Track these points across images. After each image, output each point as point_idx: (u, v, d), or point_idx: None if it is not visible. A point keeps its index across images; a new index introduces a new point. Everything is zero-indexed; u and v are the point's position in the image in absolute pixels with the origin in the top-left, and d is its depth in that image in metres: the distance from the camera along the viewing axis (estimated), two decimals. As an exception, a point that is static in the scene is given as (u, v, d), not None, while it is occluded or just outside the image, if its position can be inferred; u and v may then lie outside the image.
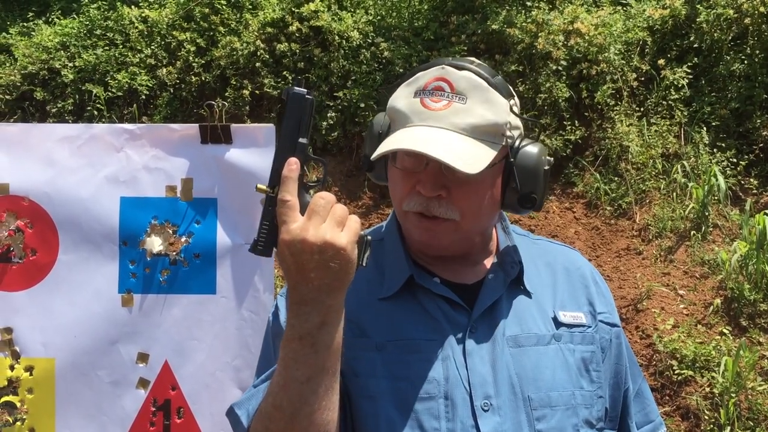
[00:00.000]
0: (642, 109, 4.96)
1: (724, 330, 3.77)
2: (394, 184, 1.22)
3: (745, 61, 4.85)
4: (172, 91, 5.37)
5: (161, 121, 5.13)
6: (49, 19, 6.14)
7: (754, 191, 4.55)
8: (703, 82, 4.93)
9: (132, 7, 5.74)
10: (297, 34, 5.24)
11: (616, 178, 4.70)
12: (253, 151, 1.85)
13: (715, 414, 3.43)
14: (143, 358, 1.85)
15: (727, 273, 3.96)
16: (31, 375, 1.84)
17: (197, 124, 1.88)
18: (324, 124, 5.00)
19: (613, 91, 4.90)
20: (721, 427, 3.37)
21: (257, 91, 5.21)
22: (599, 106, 4.89)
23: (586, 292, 1.30)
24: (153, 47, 5.50)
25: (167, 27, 5.53)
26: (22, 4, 6.66)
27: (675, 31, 5.12)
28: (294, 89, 1.06)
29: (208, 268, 1.86)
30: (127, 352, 1.84)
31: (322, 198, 1.00)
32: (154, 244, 1.85)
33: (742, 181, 4.57)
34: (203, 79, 5.33)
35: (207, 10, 5.48)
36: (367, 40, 5.21)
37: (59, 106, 5.41)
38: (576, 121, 4.88)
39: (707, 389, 3.51)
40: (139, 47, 5.49)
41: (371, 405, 1.15)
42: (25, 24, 6.18)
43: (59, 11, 6.18)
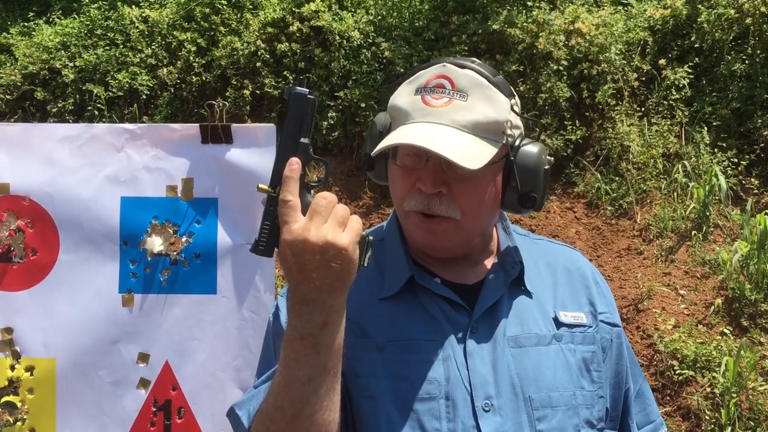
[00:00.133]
0: (643, 108, 4.96)
1: (725, 330, 3.77)
2: (395, 182, 1.22)
3: (746, 61, 4.84)
4: (172, 90, 5.37)
5: (162, 121, 5.13)
6: (50, 19, 6.14)
7: (755, 191, 4.55)
8: (704, 82, 4.93)
9: (132, 6, 5.74)
10: (298, 34, 5.24)
11: (617, 178, 4.70)
12: (253, 151, 1.85)
13: (716, 414, 3.43)
14: (144, 358, 1.84)
15: (728, 273, 3.96)
16: (31, 375, 1.84)
17: (198, 124, 1.88)
18: (325, 123, 5.00)
19: (614, 91, 4.89)
20: (722, 428, 3.36)
21: (258, 91, 5.21)
22: (600, 106, 4.89)
23: (587, 292, 1.30)
24: (153, 47, 5.50)
25: (168, 27, 5.53)
26: (22, 4, 6.66)
27: (676, 31, 5.12)
28: (296, 89, 1.06)
29: (208, 268, 1.85)
30: (128, 352, 1.84)
31: (324, 198, 1.00)
32: (155, 244, 1.85)
33: (743, 181, 4.57)
34: (204, 78, 5.33)
35: (208, 10, 5.48)
36: (367, 40, 5.21)
37: (60, 105, 5.41)
38: (577, 121, 4.88)
39: (708, 389, 3.51)
40: (139, 47, 5.49)
41: (372, 405, 1.15)
42: (25, 24, 6.18)
43: (60, 11, 6.18)
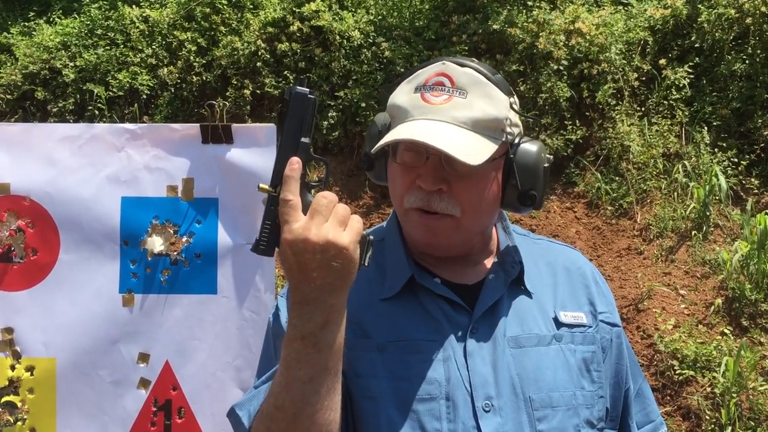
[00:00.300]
0: (643, 108, 4.96)
1: (725, 330, 3.77)
2: (394, 180, 1.22)
3: (747, 61, 4.84)
4: (173, 90, 5.37)
5: (162, 121, 5.13)
6: (50, 18, 6.14)
7: (755, 191, 4.55)
8: (704, 82, 4.93)
9: (133, 6, 5.74)
10: (298, 34, 5.24)
11: (617, 178, 4.70)
12: (254, 151, 1.85)
13: (716, 414, 3.43)
14: (144, 358, 1.85)
15: (728, 273, 3.96)
16: (32, 375, 1.84)
17: (198, 124, 1.88)
18: (325, 123, 5.00)
19: (614, 91, 4.89)
20: (722, 427, 3.37)
21: (258, 91, 5.21)
22: (600, 106, 4.89)
23: (587, 292, 1.30)
24: (154, 47, 5.50)
25: (168, 27, 5.53)
26: (23, 3, 6.66)
27: (676, 31, 5.12)
28: (296, 88, 1.06)
29: (209, 268, 1.85)
30: (128, 352, 1.84)
31: (325, 197, 1.00)
32: (155, 244, 1.85)
33: (743, 181, 4.57)
34: (204, 78, 5.33)
35: (208, 10, 5.48)
36: (368, 39, 5.20)
37: (60, 105, 5.41)
38: (577, 121, 4.88)
39: (708, 389, 3.51)
40: (140, 47, 5.49)
41: (372, 405, 1.15)
42: (26, 24, 6.18)
43: (60, 11, 6.18)
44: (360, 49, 5.17)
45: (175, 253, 1.85)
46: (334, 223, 0.99)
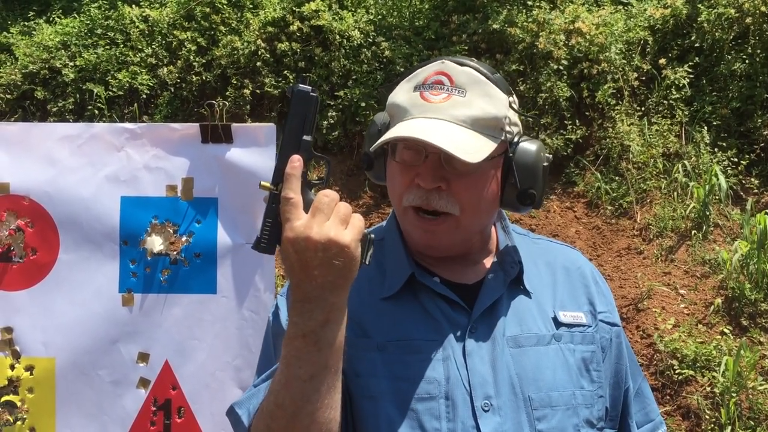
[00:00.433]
0: (643, 108, 4.96)
1: (725, 329, 3.77)
2: (393, 178, 1.22)
3: (746, 61, 4.84)
4: (172, 90, 5.37)
5: (162, 121, 5.13)
6: (50, 18, 6.14)
7: (755, 191, 4.55)
8: (704, 82, 4.93)
9: (133, 6, 5.74)
10: (298, 34, 5.24)
11: (617, 178, 4.69)
12: (253, 151, 1.85)
13: (715, 414, 3.43)
14: (144, 357, 1.85)
15: (727, 272, 3.96)
16: (31, 374, 1.84)
17: (198, 124, 1.88)
18: (325, 123, 5.00)
19: (614, 91, 4.89)
20: (721, 427, 3.37)
21: (258, 91, 5.21)
22: (600, 106, 4.89)
23: (586, 292, 1.30)
24: (154, 46, 5.49)
25: (168, 26, 5.53)
26: (22, 3, 6.66)
27: (676, 31, 5.12)
28: (299, 86, 1.06)
29: (208, 267, 1.85)
30: (128, 351, 1.84)
31: (326, 196, 1.00)
32: (155, 243, 1.85)
33: (743, 181, 4.57)
34: (204, 78, 5.33)
35: (208, 10, 5.48)
36: (368, 39, 5.20)
37: (60, 105, 5.41)
38: (577, 121, 4.87)
39: (708, 389, 3.51)
40: (139, 46, 5.49)
41: (372, 405, 1.15)
42: (25, 23, 6.18)
43: (60, 10, 6.18)
44: (360, 48, 5.17)
45: (174, 252, 1.85)
46: (335, 221, 0.99)
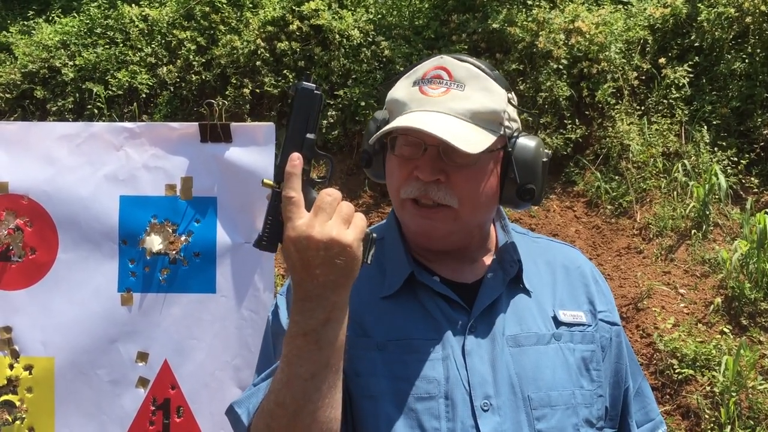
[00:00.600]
0: (643, 107, 4.96)
1: (725, 329, 3.77)
2: (392, 173, 1.22)
3: (746, 60, 4.84)
4: (172, 89, 5.37)
5: (161, 120, 5.12)
6: (50, 17, 6.13)
7: (755, 190, 4.55)
8: (704, 81, 4.93)
9: (132, 5, 5.73)
10: (297, 33, 5.24)
11: (616, 177, 4.69)
12: (252, 150, 1.85)
13: (715, 413, 3.43)
14: (143, 357, 1.84)
15: (727, 272, 3.95)
16: (30, 374, 1.84)
17: (197, 123, 1.88)
18: (324, 122, 4.99)
19: (614, 90, 4.89)
20: (721, 426, 3.36)
21: (257, 90, 5.21)
22: (600, 105, 4.88)
23: (586, 291, 1.29)
24: (153, 46, 5.49)
25: (168, 25, 5.53)
26: (22, 2, 6.65)
27: (676, 30, 5.11)
28: (303, 84, 1.05)
29: (207, 267, 1.85)
30: (127, 351, 1.84)
31: (329, 195, 1.00)
32: (154, 242, 1.85)
33: (743, 180, 4.57)
34: (203, 77, 5.32)
35: (207, 9, 5.47)
36: (367, 38, 5.20)
37: (59, 104, 5.41)
38: (577, 120, 4.87)
39: (708, 388, 3.51)
40: (139, 46, 5.49)
41: (372, 404, 1.14)
42: (25, 22, 6.18)
43: (59, 10, 6.17)
44: (359, 48, 5.16)
45: (173, 252, 1.85)
46: (338, 220, 0.99)
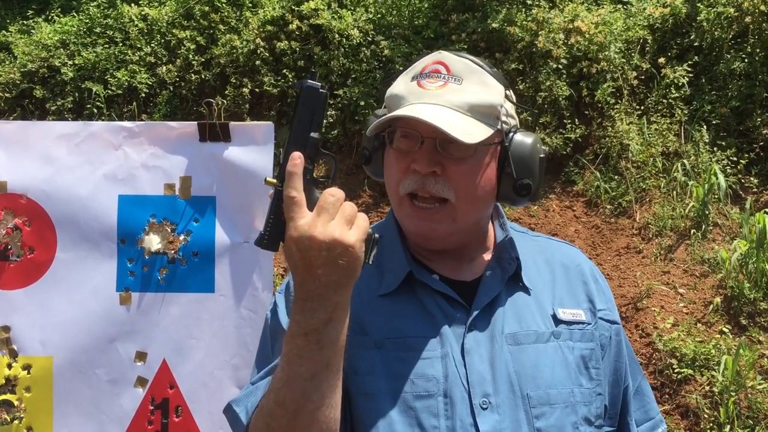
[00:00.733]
0: (642, 107, 4.96)
1: (724, 329, 3.77)
2: (390, 167, 1.22)
3: (746, 60, 4.84)
4: (171, 89, 5.37)
5: (161, 119, 5.12)
6: (49, 17, 6.13)
7: (755, 190, 4.55)
8: (703, 81, 4.93)
9: (132, 5, 5.73)
10: (297, 33, 5.23)
11: (616, 177, 4.69)
12: (251, 149, 1.85)
13: (714, 413, 3.43)
14: (141, 356, 1.84)
15: (727, 272, 3.95)
16: (28, 373, 1.83)
17: (196, 122, 1.87)
18: (324, 122, 4.98)
19: (614, 90, 4.89)
20: (720, 426, 3.36)
21: (257, 90, 5.21)
22: (599, 105, 4.88)
23: (586, 289, 1.29)
24: (153, 45, 5.49)
25: (167, 25, 5.53)
26: (21, 2, 6.65)
27: (675, 30, 5.11)
28: (307, 82, 1.04)
29: (206, 266, 1.85)
30: (126, 350, 1.84)
31: (332, 195, 1.00)
32: (153, 242, 1.84)
33: (743, 180, 4.57)
34: (203, 77, 5.32)
35: (207, 8, 5.47)
36: (367, 38, 5.20)
37: (59, 104, 5.41)
38: (576, 120, 4.87)
39: (707, 388, 3.51)
40: (138, 45, 5.49)
41: (370, 402, 1.14)
42: (24, 22, 6.18)
43: (59, 9, 6.17)
44: (359, 47, 5.16)
45: (172, 251, 1.84)
46: (340, 221, 0.99)
